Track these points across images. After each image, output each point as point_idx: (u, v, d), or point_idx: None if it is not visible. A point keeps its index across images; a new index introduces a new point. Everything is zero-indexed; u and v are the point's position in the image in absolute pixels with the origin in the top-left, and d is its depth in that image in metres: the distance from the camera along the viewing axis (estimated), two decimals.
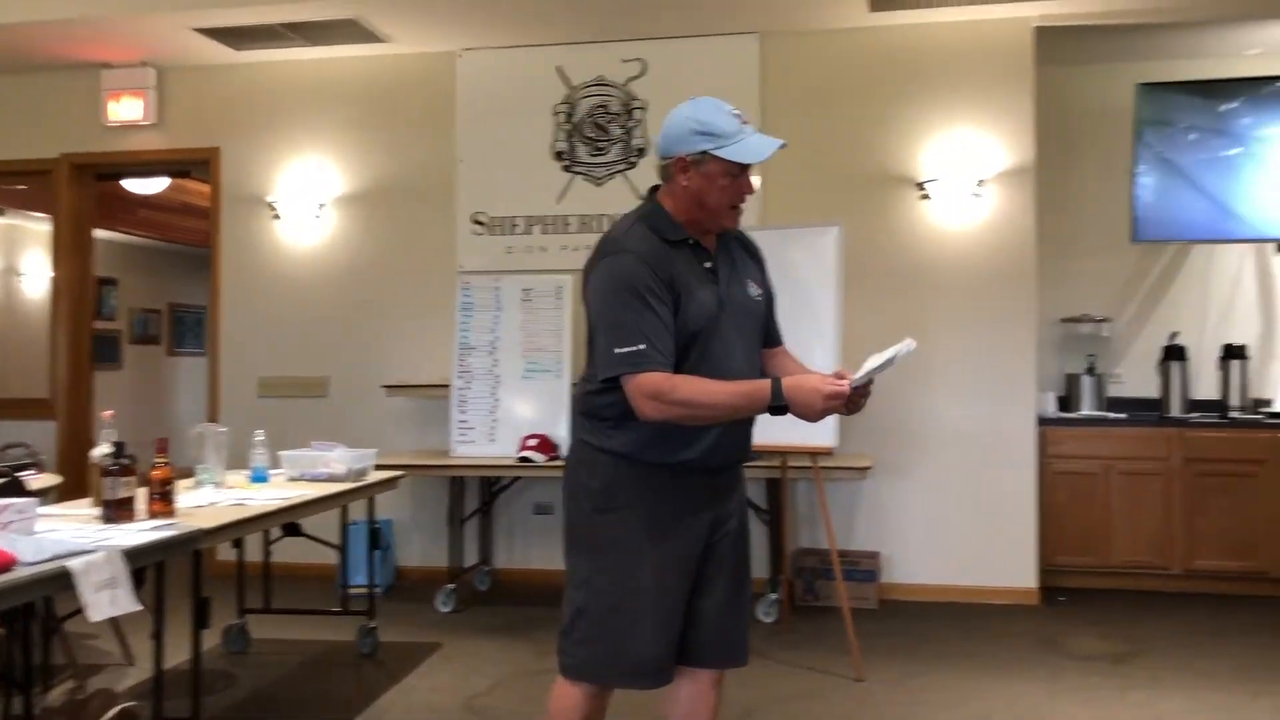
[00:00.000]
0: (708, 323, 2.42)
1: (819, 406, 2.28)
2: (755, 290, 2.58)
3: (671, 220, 2.47)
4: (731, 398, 2.32)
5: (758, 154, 2.40)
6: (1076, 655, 4.77)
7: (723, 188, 2.42)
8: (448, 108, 6.37)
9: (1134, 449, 5.94)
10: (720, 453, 2.49)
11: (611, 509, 2.47)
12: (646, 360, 2.32)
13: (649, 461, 2.45)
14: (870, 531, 5.93)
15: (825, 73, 6.03)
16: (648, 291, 2.35)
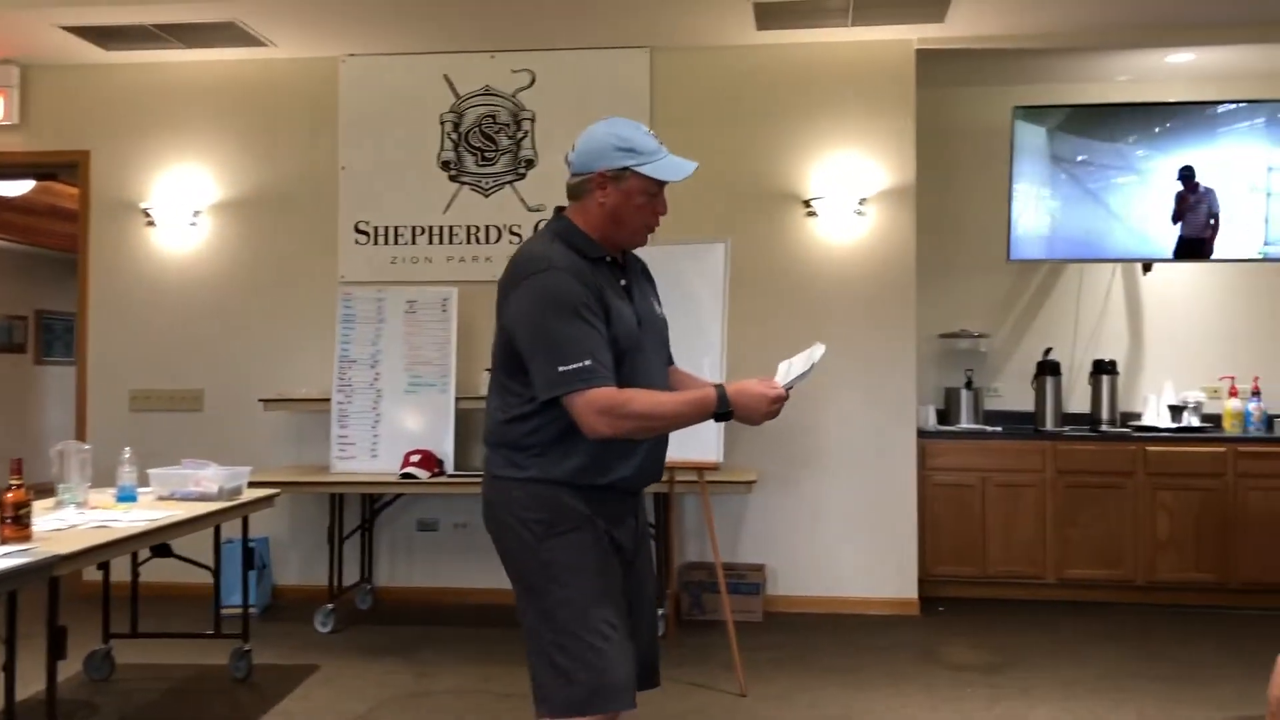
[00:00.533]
0: (635, 340, 2.41)
1: (764, 410, 2.32)
2: (658, 308, 2.60)
3: (586, 238, 2.43)
4: (682, 407, 2.33)
5: (678, 172, 2.40)
6: (952, 666, 4.87)
7: (639, 206, 2.41)
8: (330, 114, 6.23)
9: (1009, 461, 6.10)
10: (647, 473, 2.49)
11: (556, 535, 2.39)
12: (594, 376, 2.27)
13: (581, 485, 2.40)
14: (756, 544, 5.97)
15: (714, 89, 6.07)
16: (584, 307, 2.31)
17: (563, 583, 2.37)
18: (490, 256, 6.12)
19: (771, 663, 4.88)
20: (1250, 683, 4.45)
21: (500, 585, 6.20)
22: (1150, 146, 6.12)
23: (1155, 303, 6.55)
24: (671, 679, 4.62)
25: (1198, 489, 5.97)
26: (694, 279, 4.92)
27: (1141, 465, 6.02)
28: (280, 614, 5.83)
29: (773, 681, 4.60)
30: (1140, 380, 6.54)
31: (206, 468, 4.34)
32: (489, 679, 4.66)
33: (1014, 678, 4.67)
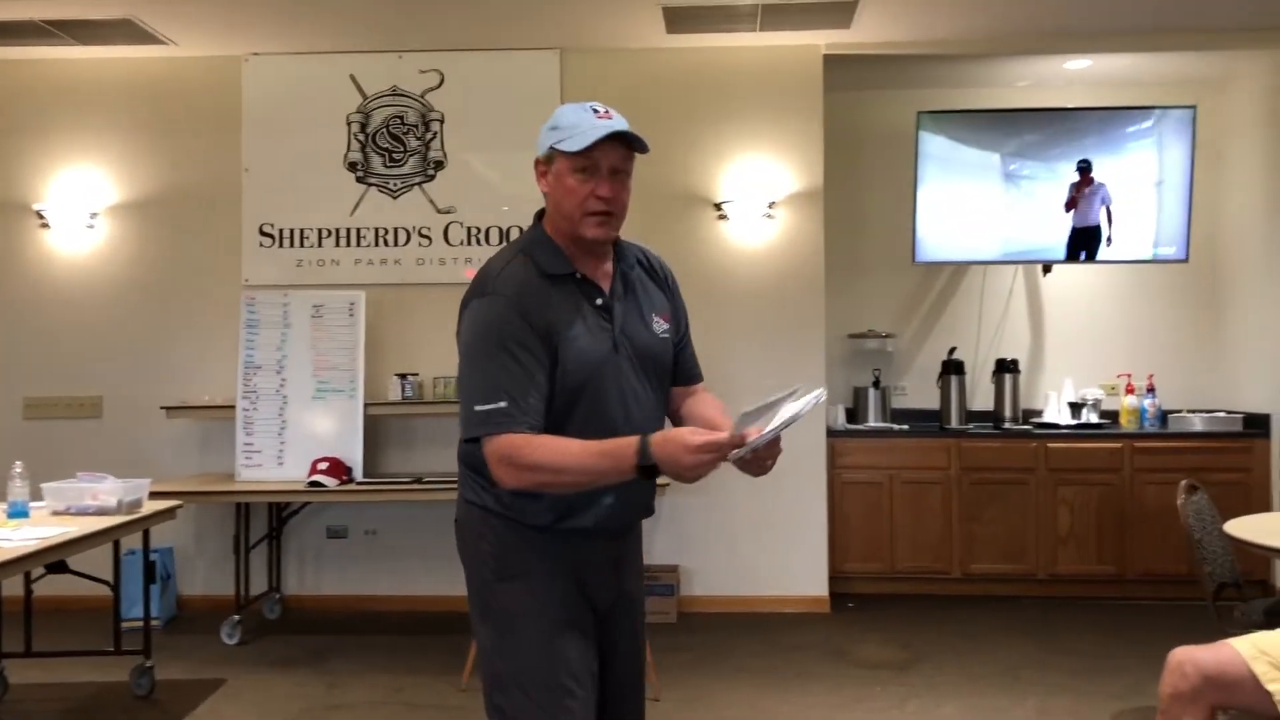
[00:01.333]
0: (596, 371, 2.14)
1: (685, 461, 1.93)
2: (661, 325, 2.30)
3: (554, 249, 2.21)
4: (590, 459, 2.01)
5: (581, 140, 2.12)
6: (862, 664, 4.95)
7: (570, 188, 2.15)
8: (233, 114, 6.08)
9: (916, 459, 6.22)
10: (621, 516, 2.22)
11: (509, 578, 2.19)
12: (506, 420, 2.04)
13: (540, 527, 2.16)
14: (670, 546, 6.00)
15: (626, 92, 6.05)
16: (513, 340, 2.08)
17: (510, 627, 2.17)
18: (399, 259, 6.04)
19: (684, 665, 4.91)
20: (1147, 674, 4.58)
21: (410, 592, 6.15)
22: (1048, 150, 6.28)
23: (1055, 303, 6.73)
24: None
25: (1096, 484, 6.15)
26: None
27: (1043, 461, 6.18)
28: (186, 625, 5.70)
29: (685, 684, 4.63)
30: (1041, 378, 6.71)
31: (104, 480, 4.21)
32: (401, 689, 4.61)
33: (922, 674, 4.77)
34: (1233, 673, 2.62)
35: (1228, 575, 3.85)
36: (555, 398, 2.11)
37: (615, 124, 2.16)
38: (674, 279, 2.42)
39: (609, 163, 2.17)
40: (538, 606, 2.16)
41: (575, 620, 2.18)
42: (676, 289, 2.41)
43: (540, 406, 2.08)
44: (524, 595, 2.17)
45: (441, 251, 6.05)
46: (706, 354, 2.19)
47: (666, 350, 2.31)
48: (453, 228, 6.06)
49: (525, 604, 2.17)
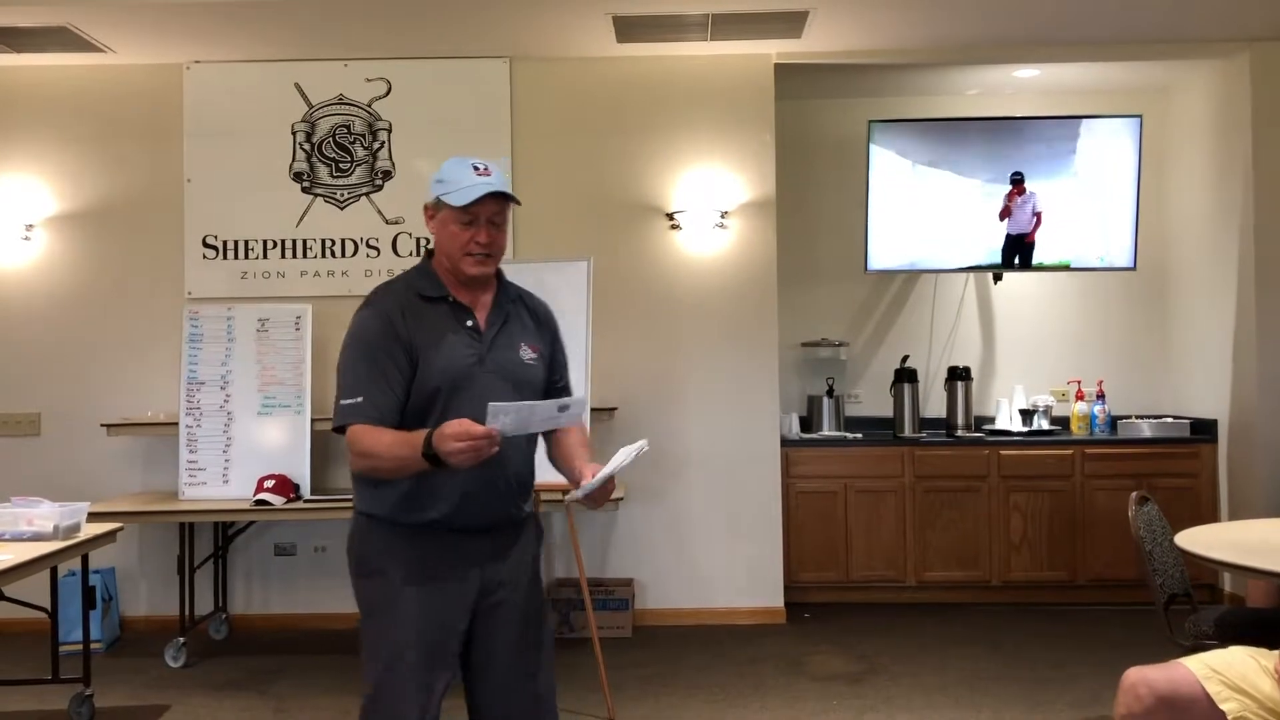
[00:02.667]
0: (454, 379, 2.48)
1: (446, 448, 2.27)
2: (529, 354, 2.62)
3: (434, 278, 2.58)
4: (395, 447, 2.38)
5: (463, 197, 2.49)
6: (818, 676, 4.93)
7: (453, 234, 2.53)
8: (174, 124, 5.95)
9: (870, 467, 6.23)
10: (468, 514, 2.49)
11: (367, 574, 2.54)
12: (359, 413, 2.43)
13: (397, 522, 2.50)
14: (624, 559, 5.96)
15: (576, 101, 6.01)
16: (379, 348, 2.46)
17: (371, 618, 2.54)
18: (346, 271, 5.94)
19: (638, 681, 4.87)
20: (1100, 683, 4.63)
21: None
22: (997, 157, 6.30)
23: (1006, 310, 6.77)
24: None
25: (1048, 490, 6.19)
26: (560, 294, 4.85)
27: (995, 468, 6.21)
28: (129, 648, 5.56)
29: (640, 702, 4.58)
30: (993, 385, 6.75)
31: (39, 505, 4.08)
32: (349, 711, 4.46)
33: (877, 687, 4.76)
34: (1186, 692, 2.61)
35: (1178, 586, 3.87)
36: (417, 398, 2.47)
37: (494, 183, 2.53)
38: (555, 324, 2.78)
39: (487, 214, 2.54)
40: (391, 597, 2.50)
41: (428, 609, 2.49)
42: (557, 333, 2.77)
43: (392, 404, 2.45)
44: (375, 592, 2.53)
45: (390, 263, 5.96)
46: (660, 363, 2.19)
47: (534, 373, 2.63)
48: (401, 238, 5.97)
49: (378, 597, 2.52)
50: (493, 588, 2.56)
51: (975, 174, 6.32)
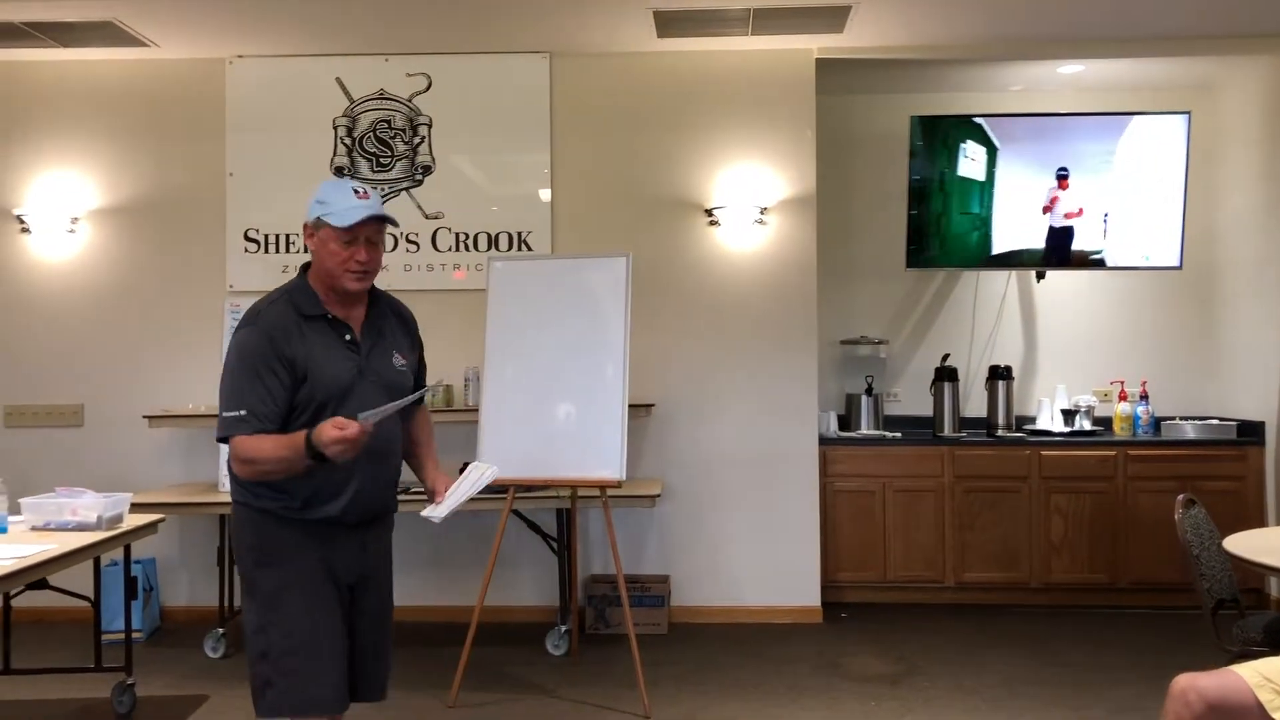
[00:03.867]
0: (339, 393, 2.67)
1: (329, 450, 2.49)
2: (400, 361, 2.84)
3: (311, 295, 2.74)
4: (279, 450, 2.56)
5: (345, 219, 2.65)
6: (856, 677, 4.89)
7: (333, 252, 2.68)
8: (217, 118, 6.00)
9: (909, 467, 6.17)
10: (357, 509, 2.74)
11: (269, 564, 2.71)
12: (241, 425, 2.59)
13: (294, 518, 2.70)
14: (660, 556, 5.94)
15: (615, 96, 6.00)
16: (261, 363, 2.62)
17: (272, 604, 2.69)
18: (386, 265, 5.93)
19: (674, 679, 4.85)
20: (1144, 687, 4.57)
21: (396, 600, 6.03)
22: (1040, 155, 6.22)
23: (1049, 309, 6.68)
24: (573, 700, 4.57)
25: (1090, 491, 6.11)
26: (598, 290, 4.87)
27: (1036, 469, 6.13)
28: (169, 638, 5.61)
29: (675, 699, 4.56)
30: (1034, 385, 6.67)
31: (83, 495, 4.13)
32: (383, 707, 4.52)
33: (916, 688, 4.71)
34: (1237, 700, 2.56)
35: (1226, 592, 3.79)
36: (304, 411, 2.64)
37: (372, 207, 2.70)
38: (417, 328, 2.99)
39: (366, 234, 2.70)
40: (295, 585, 2.69)
41: (326, 595, 2.71)
42: (418, 337, 2.99)
43: (273, 415, 2.61)
44: (282, 576, 2.69)
45: (430, 257, 5.98)
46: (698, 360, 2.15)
47: (405, 379, 2.85)
48: (441, 233, 5.99)
49: (284, 583, 2.69)
50: (367, 571, 2.83)
51: (1018, 172, 6.24)
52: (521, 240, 5.95)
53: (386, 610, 2.92)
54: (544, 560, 5.76)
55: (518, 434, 4.79)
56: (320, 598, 2.71)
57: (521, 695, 4.66)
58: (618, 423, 4.64)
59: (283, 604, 2.69)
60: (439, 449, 5.99)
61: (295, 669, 2.66)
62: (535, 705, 4.53)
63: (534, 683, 4.83)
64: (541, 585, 5.88)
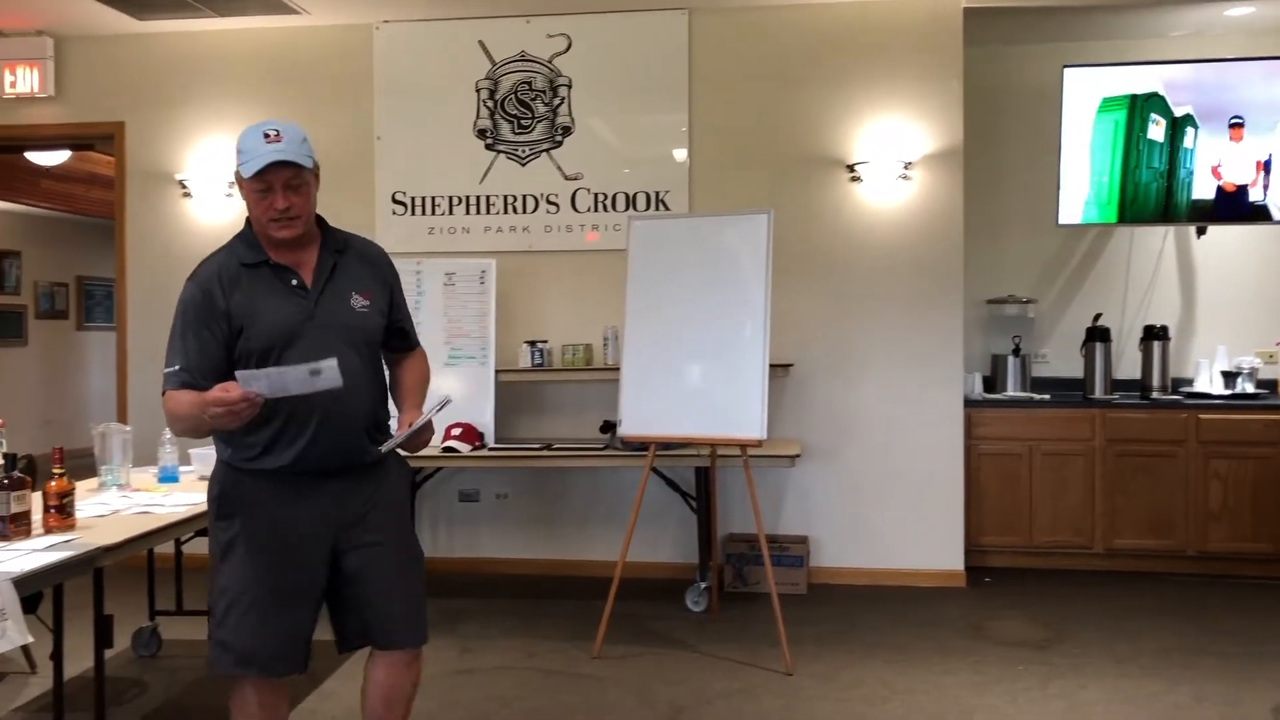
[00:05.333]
0: (281, 340, 2.58)
1: (206, 413, 2.44)
2: (360, 302, 2.71)
3: (254, 243, 2.66)
4: (188, 408, 2.52)
5: (252, 168, 2.55)
6: (1002, 642, 4.80)
7: (254, 202, 2.61)
8: (365, 82, 6.15)
9: (1058, 430, 5.99)
10: (313, 458, 2.62)
11: (223, 515, 2.66)
12: (172, 379, 2.57)
13: (251, 469, 2.64)
14: (799, 516, 5.91)
15: (755, 51, 5.92)
16: (195, 318, 2.59)
17: (224, 557, 2.65)
18: (527, 226, 6.04)
19: (815, 638, 4.84)
20: None
21: (538, 555, 6.21)
22: (1205, 104, 5.91)
23: (1209, 266, 6.38)
24: (715, 655, 4.60)
25: (1252, 457, 5.83)
26: (738, 248, 4.83)
27: (1193, 433, 5.88)
28: None
29: (817, 658, 4.55)
30: (1192, 346, 6.38)
31: None
32: (533, 654, 4.65)
33: (1065, 654, 4.60)
34: None
35: None
36: (249, 361, 2.56)
37: (281, 150, 2.56)
38: (389, 265, 2.89)
39: (281, 180, 2.58)
40: (241, 539, 2.62)
41: (276, 550, 2.62)
42: (391, 272, 2.88)
43: (204, 369, 2.56)
44: (234, 528, 2.64)
45: (569, 219, 6.03)
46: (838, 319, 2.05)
47: (367, 320, 2.73)
48: (580, 194, 6.03)
49: (234, 535, 2.63)
50: (350, 523, 2.69)
51: (1180, 123, 5.93)
52: (659, 200, 5.95)
53: (398, 560, 2.77)
54: (683, 518, 5.80)
55: (657, 392, 4.81)
56: (268, 553, 2.62)
57: (663, 649, 4.71)
58: (758, 382, 4.61)
59: (229, 559, 2.64)
60: (580, 408, 6.11)
61: (233, 624, 2.60)
62: (678, 659, 4.58)
63: (675, 638, 4.88)
64: (680, 543, 5.93)
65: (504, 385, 5.80)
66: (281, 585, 2.62)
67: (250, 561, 2.61)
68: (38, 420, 10.22)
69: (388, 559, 2.74)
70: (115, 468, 4.03)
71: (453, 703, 4.06)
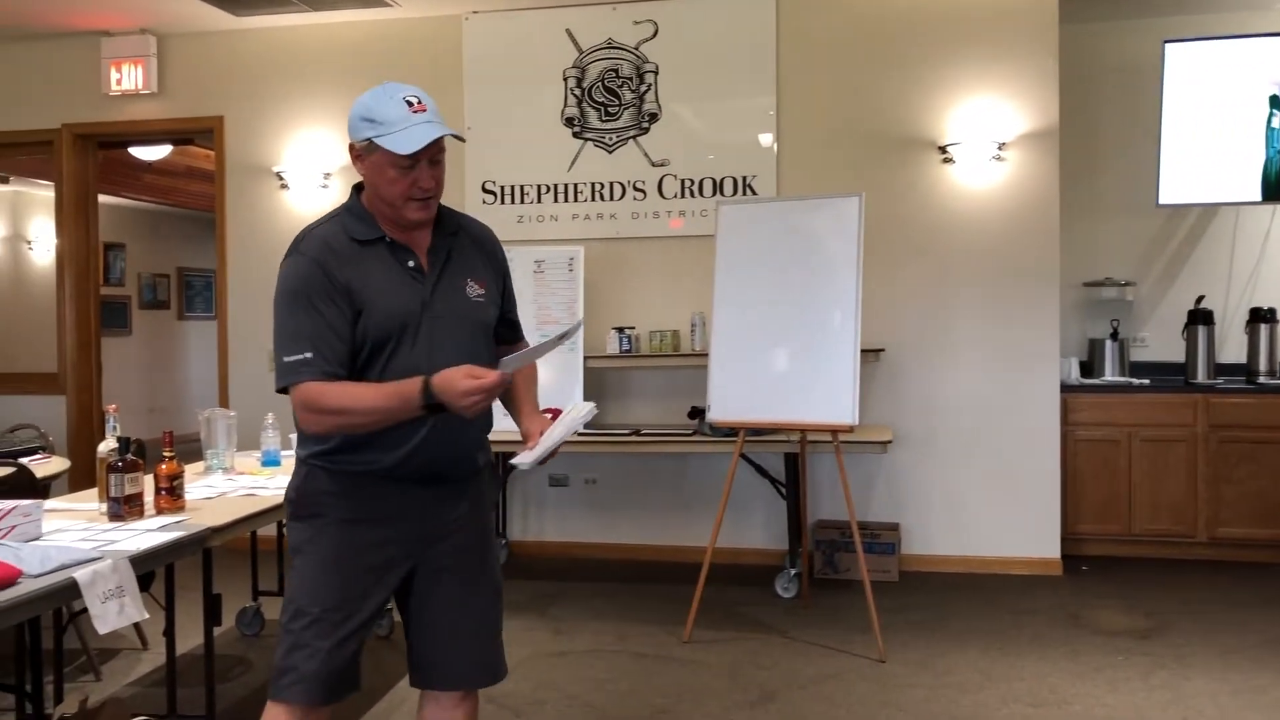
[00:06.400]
0: (399, 327, 2.27)
1: (460, 403, 2.11)
2: (475, 290, 2.39)
3: (366, 217, 2.33)
4: (381, 400, 2.18)
5: (408, 144, 2.20)
6: (1101, 631, 4.70)
7: (392, 179, 2.25)
8: (454, 73, 6.23)
9: (1158, 415, 5.83)
10: (418, 462, 2.30)
11: (300, 517, 2.36)
12: (307, 369, 2.20)
13: (336, 468, 2.32)
14: (890, 503, 5.86)
15: (844, 33, 5.86)
16: (317, 295, 2.22)
17: (295, 562, 2.36)
18: (614, 214, 6.07)
19: (908, 625, 4.79)
20: None
21: (627, 541, 6.24)
22: None
23: None
24: (806, 641, 4.58)
25: None
26: (828, 232, 4.78)
27: None
28: None
29: (910, 646, 4.51)
30: None
31: None
32: (624, 638, 4.68)
33: (1168, 644, 4.49)
34: None
35: None
36: (361, 348, 2.26)
37: (433, 123, 2.24)
38: (501, 251, 2.56)
39: (428, 155, 2.26)
40: (316, 542, 2.32)
41: (355, 558, 2.31)
42: (503, 260, 2.55)
43: (342, 355, 2.23)
44: (307, 531, 2.34)
45: (655, 205, 6.04)
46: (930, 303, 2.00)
47: (479, 313, 2.41)
48: (666, 180, 6.03)
49: (307, 540, 2.34)
50: (438, 538, 2.38)
51: None
52: (746, 184, 5.92)
53: (483, 580, 2.45)
54: (771, 504, 5.79)
55: (746, 378, 4.80)
56: (342, 565, 2.30)
57: (754, 634, 4.71)
58: (849, 367, 4.57)
59: (301, 564, 2.34)
60: (667, 393, 6.12)
61: (294, 638, 2.29)
62: (769, 644, 4.57)
63: (765, 623, 4.87)
64: (768, 529, 5.92)
65: (592, 371, 5.84)
66: (351, 602, 2.30)
67: (321, 572, 2.31)
68: (143, 407, 10.58)
69: (461, 587, 2.41)
70: (220, 451, 4.15)
71: (548, 683, 4.11)
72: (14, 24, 6.32)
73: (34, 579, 2.39)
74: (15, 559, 2.42)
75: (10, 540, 2.63)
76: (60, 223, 6.91)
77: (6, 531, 2.67)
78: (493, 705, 3.89)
